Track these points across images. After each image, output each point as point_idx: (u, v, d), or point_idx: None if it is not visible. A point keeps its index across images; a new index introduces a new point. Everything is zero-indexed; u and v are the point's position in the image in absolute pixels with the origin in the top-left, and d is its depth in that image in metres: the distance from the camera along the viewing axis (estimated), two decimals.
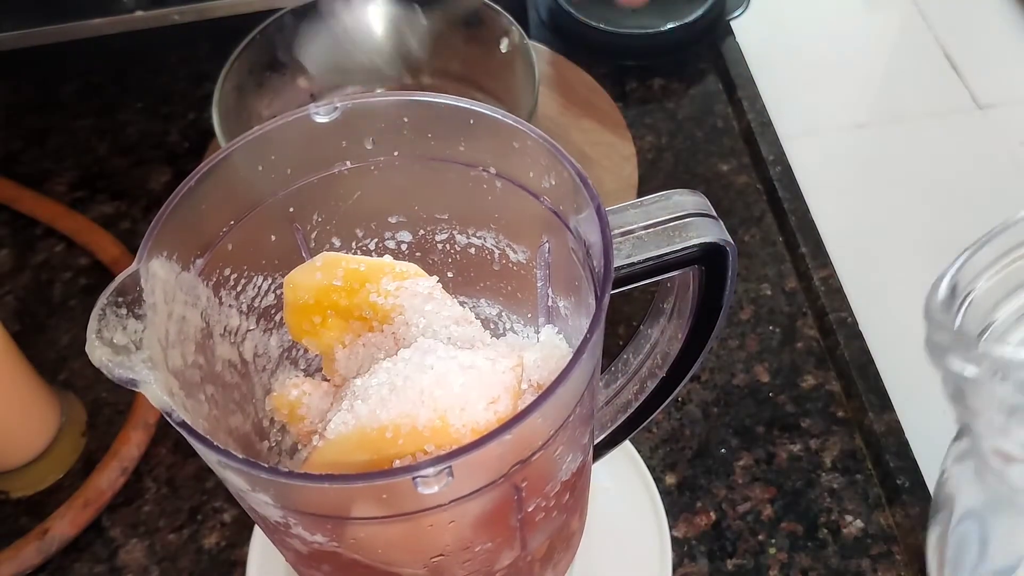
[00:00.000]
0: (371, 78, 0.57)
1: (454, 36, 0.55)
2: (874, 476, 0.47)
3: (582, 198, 0.27)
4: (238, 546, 0.45)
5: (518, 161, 0.30)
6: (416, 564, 0.28)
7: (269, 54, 0.53)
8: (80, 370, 0.53)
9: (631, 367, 0.36)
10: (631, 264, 0.28)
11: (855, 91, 0.69)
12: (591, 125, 0.62)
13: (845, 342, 0.51)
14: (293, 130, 0.30)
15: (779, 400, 0.50)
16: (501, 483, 0.25)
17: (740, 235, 0.57)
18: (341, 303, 0.30)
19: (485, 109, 0.29)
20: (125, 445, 0.47)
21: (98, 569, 0.45)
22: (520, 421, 0.23)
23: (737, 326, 0.53)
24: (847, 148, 0.64)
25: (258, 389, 0.33)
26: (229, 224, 0.30)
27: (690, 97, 0.65)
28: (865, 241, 0.58)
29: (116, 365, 0.24)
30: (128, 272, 0.26)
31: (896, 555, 0.44)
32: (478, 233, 0.34)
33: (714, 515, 0.46)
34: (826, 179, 0.60)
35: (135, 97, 0.67)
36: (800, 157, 0.60)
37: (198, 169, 0.28)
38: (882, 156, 0.64)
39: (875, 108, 0.67)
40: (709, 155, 0.61)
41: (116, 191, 0.61)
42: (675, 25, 0.65)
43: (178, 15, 0.64)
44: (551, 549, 0.34)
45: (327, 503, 0.25)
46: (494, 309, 0.37)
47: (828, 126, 0.65)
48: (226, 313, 0.31)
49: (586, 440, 0.31)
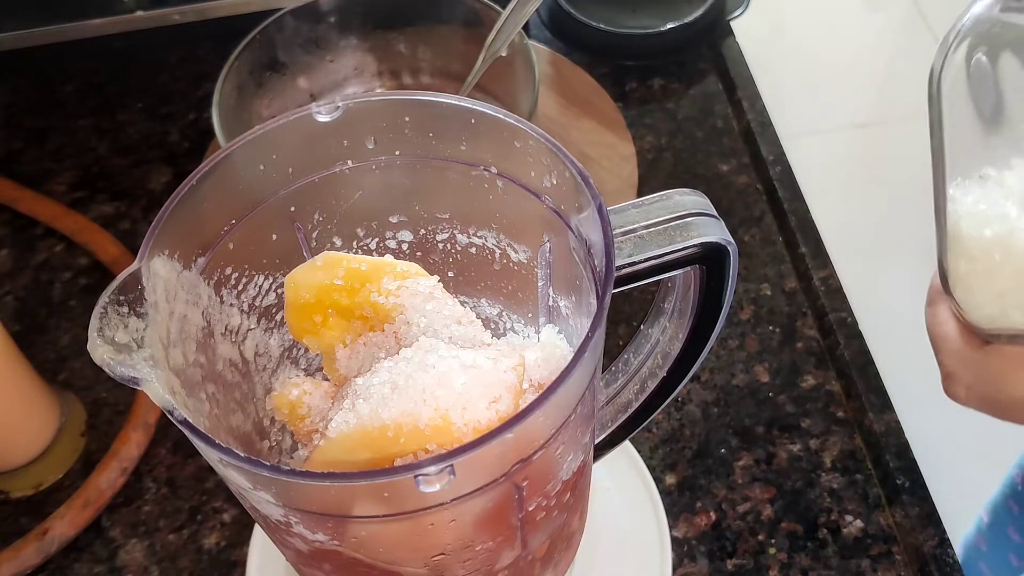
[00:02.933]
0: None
1: (454, 36, 0.55)
2: (874, 476, 0.47)
3: (583, 197, 0.27)
4: (238, 546, 0.45)
5: (519, 161, 0.30)
6: (417, 563, 0.28)
7: (269, 54, 0.53)
8: (80, 370, 0.53)
9: (631, 367, 0.36)
10: (632, 263, 0.28)
11: (855, 91, 0.69)
12: (591, 125, 0.62)
13: (845, 342, 0.51)
14: (294, 129, 0.30)
15: (779, 400, 0.50)
16: (502, 482, 0.25)
17: (740, 235, 0.57)
18: (342, 302, 0.30)
19: (486, 109, 0.29)
20: (125, 445, 0.47)
21: (98, 569, 0.45)
22: (521, 420, 0.23)
23: (737, 326, 0.53)
24: (847, 148, 0.65)
25: (259, 388, 0.33)
26: (230, 223, 0.30)
27: (690, 97, 0.65)
28: (865, 241, 0.58)
29: (118, 363, 0.24)
30: (130, 271, 0.26)
31: (896, 555, 0.44)
32: (479, 233, 0.34)
33: (714, 515, 0.46)
34: (826, 179, 0.61)
35: (135, 97, 0.67)
36: (800, 157, 0.60)
37: (199, 168, 0.28)
38: (882, 156, 0.64)
39: (875, 108, 0.67)
40: (709, 155, 0.61)
41: (116, 191, 0.61)
42: (675, 25, 0.65)
43: (178, 15, 0.64)
44: (551, 548, 0.34)
45: (329, 501, 0.25)
46: (495, 309, 0.37)
47: (828, 126, 0.66)
48: (227, 312, 0.31)
49: (587, 439, 0.31)
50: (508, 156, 0.30)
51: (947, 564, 0.43)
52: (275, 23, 0.52)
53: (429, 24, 0.56)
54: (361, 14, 0.55)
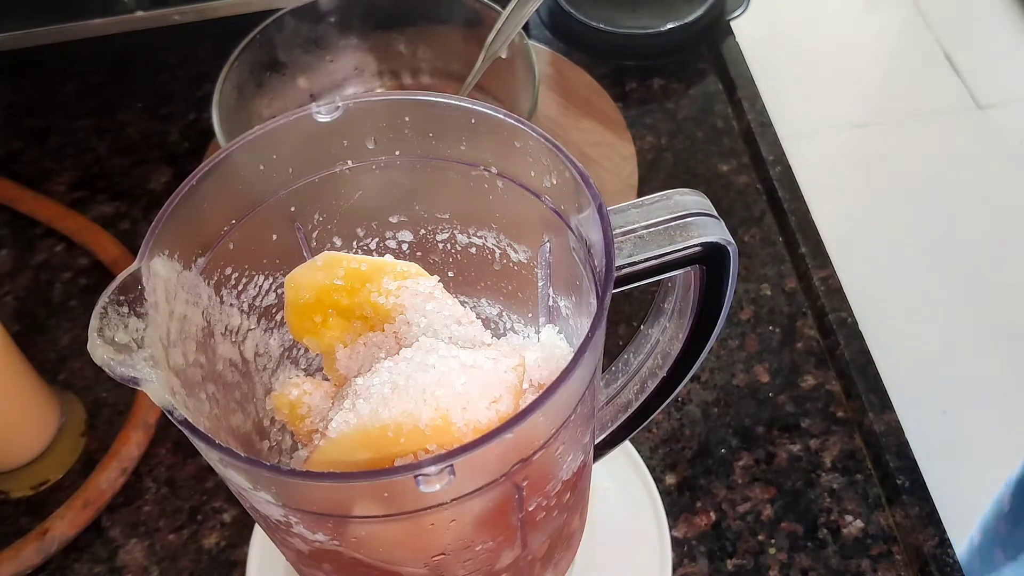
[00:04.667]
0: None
1: (454, 36, 0.55)
2: (874, 476, 0.47)
3: (583, 197, 0.27)
4: (238, 546, 0.45)
5: (519, 160, 0.30)
6: (417, 563, 0.28)
7: (269, 54, 0.53)
8: (80, 370, 0.53)
9: (632, 367, 0.36)
10: (632, 263, 0.28)
11: (855, 91, 0.69)
12: (591, 125, 0.62)
13: (845, 342, 0.51)
14: (295, 129, 0.30)
15: (779, 400, 0.50)
16: (502, 482, 0.25)
17: (740, 235, 0.57)
18: (342, 302, 0.30)
19: (486, 109, 0.29)
20: (125, 445, 0.47)
21: (98, 569, 0.45)
22: (521, 420, 0.23)
23: (737, 326, 0.53)
24: (847, 148, 0.65)
25: (259, 388, 0.33)
26: (230, 223, 0.30)
27: (690, 97, 0.65)
28: (865, 241, 0.58)
29: (118, 363, 0.24)
30: (130, 271, 0.26)
31: (896, 555, 0.44)
32: (479, 233, 0.34)
33: (714, 515, 0.46)
34: (826, 179, 0.61)
35: (135, 97, 0.67)
36: (800, 157, 0.60)
37: (200, 168, 0.28)
38: (882, 156, 0.64)
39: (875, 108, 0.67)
40: (709, 155, 0.61)
41: (116, 191, 0.61)
42: (675, 25, 0.65)
43: (178, 15, 0.64)
44: (552, 548, 0.34)
45: (329, 501, 0.25)
46: (495, 309, 0.37)
47: (828, 126, 0.66)
48: (227, 312, 0.31)
49: (587, 439, 0.31)
50: (508, 156, 0.30)
51: (947, 564, 0.43)
52: (275, 23, 0.52)
53: (429, 24, 0.56)
54: (361, 14, 0.55)
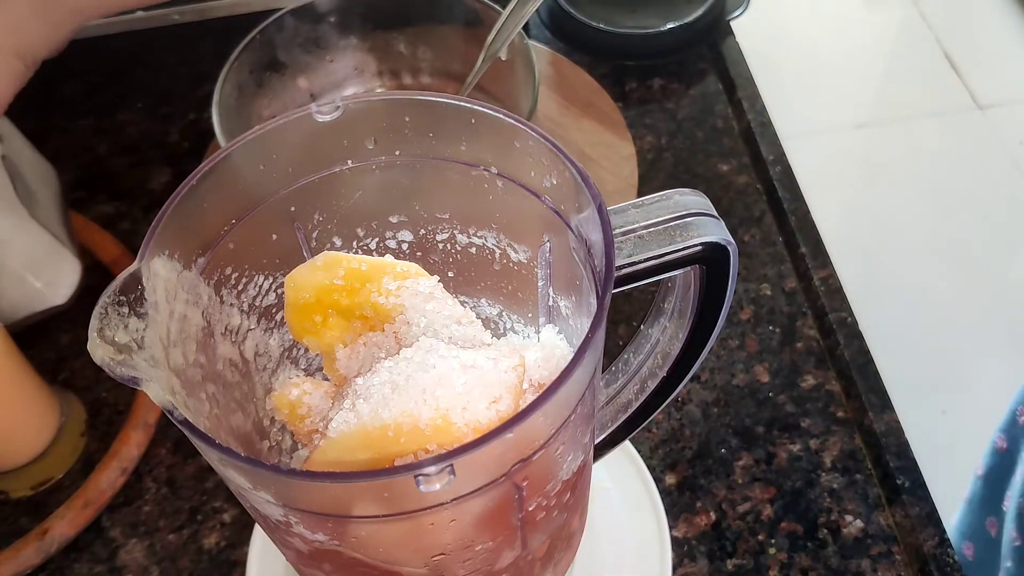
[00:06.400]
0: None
1: (454, 36, 0.56)
2: (874, 476, 0.47)
3: (583, 197, 0.27)
4: (238, 546, 0.45)
5: (519, 160, 0.30)
6: (417, 563, 0.28)
7: (269, 54, 0.53)
8: (80, 370, 0.53)
9: (632, 367, 0.36)
10: (632, 263, 0.28)
11: (855, 91, 0.69)
12: (591, 125, 0.62)
13: (845, 342, 0.51)
14: (295, 129, 0.30)
15: (779, 400, 0.50)
16: (502, 482, 0.25)
17: (740, 235, 0.57)
18: (342, 302, 0.30)
19: (486, 108, 0.29)
20: (125, 445, 0.47)
21: (98, 569, 0.45)
22: (521, 420, 0.23)
23: (737, 326, 0.53)
24: (847, 148, 0.65)
25: (259, 388, 0.33)
26: (230, 223, 0.30)
27: (690, 97, 0.65)
28: (865, 241, 0.58)
29: (118, 364, 0.24)
30: (130, 271, 0.26)
31: (896, 555, 0.44)
32: (479, 233, 0.34)
33: (714, 515, 0.46)
34: (826, 179, 0.61)
35: (135, 97, 0.67)
36: (800, 157, 0.60)
37: (200, 168, 0.28)
38: (882, 156, 0.64)
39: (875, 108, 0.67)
40: (709, 155, 0.61)
41: (116, 191, 0.61)
42: (675, 25, 0.65)
43: (178, 15, 0.64)
44: (552, 548, 0.34)
45: (329, 501, 0.25)
46: (495, 309, 0.37)
47: (828, 126, 0.66)
48: (227, 312, 0.31)
49: (587, 439, 0.31)
50: (508, 156, 0.30)
51: (947, 564, 0.43)
52: (275, 23, 0.52)
53: (429, 24, 0.56)
54: (361, 14, 0.55)
